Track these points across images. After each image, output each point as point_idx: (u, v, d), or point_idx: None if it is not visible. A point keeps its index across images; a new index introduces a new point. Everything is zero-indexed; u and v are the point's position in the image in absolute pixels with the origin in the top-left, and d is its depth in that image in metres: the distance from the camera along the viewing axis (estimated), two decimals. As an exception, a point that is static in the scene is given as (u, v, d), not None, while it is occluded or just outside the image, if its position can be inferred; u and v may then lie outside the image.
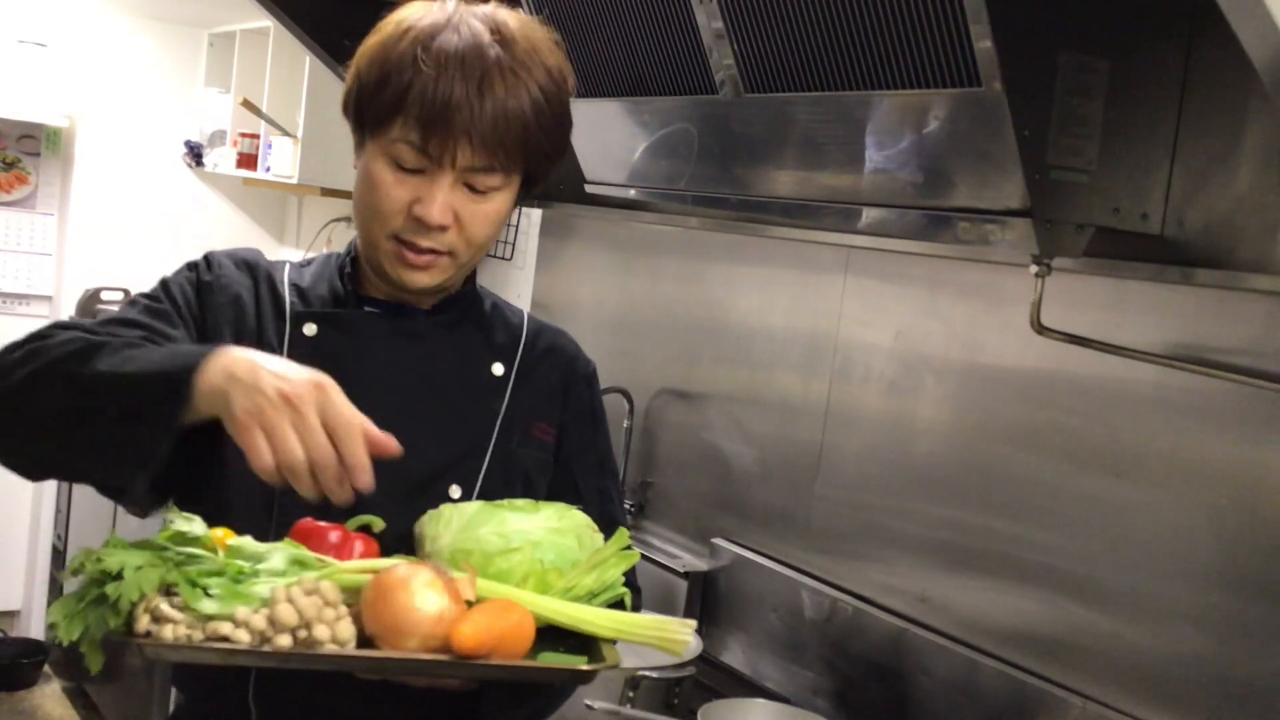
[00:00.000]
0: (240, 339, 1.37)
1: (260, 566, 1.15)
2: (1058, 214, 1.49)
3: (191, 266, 1.43)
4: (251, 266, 1.45)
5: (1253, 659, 1.56)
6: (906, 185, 1.60)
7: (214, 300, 1.40)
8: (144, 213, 4.60)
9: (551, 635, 1.21)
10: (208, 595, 1.10)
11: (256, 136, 4.19)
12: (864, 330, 2.20)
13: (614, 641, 1.23)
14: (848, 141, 1.66)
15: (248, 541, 1.18)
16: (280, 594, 1.10)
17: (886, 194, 1.65)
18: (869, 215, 1.74)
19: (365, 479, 1.12)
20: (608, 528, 1.43)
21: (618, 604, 1.29)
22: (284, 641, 1.09)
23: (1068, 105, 1.45)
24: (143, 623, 1.08)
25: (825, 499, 2.25)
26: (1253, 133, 1.56)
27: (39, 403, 1.20)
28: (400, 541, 1.30)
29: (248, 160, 4.24)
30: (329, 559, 1.19)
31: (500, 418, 1.44)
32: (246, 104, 4.09)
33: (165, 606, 1.08)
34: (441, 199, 1.31)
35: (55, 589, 4.42)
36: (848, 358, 2.23)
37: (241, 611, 1.09)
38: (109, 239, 4.56)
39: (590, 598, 1.27)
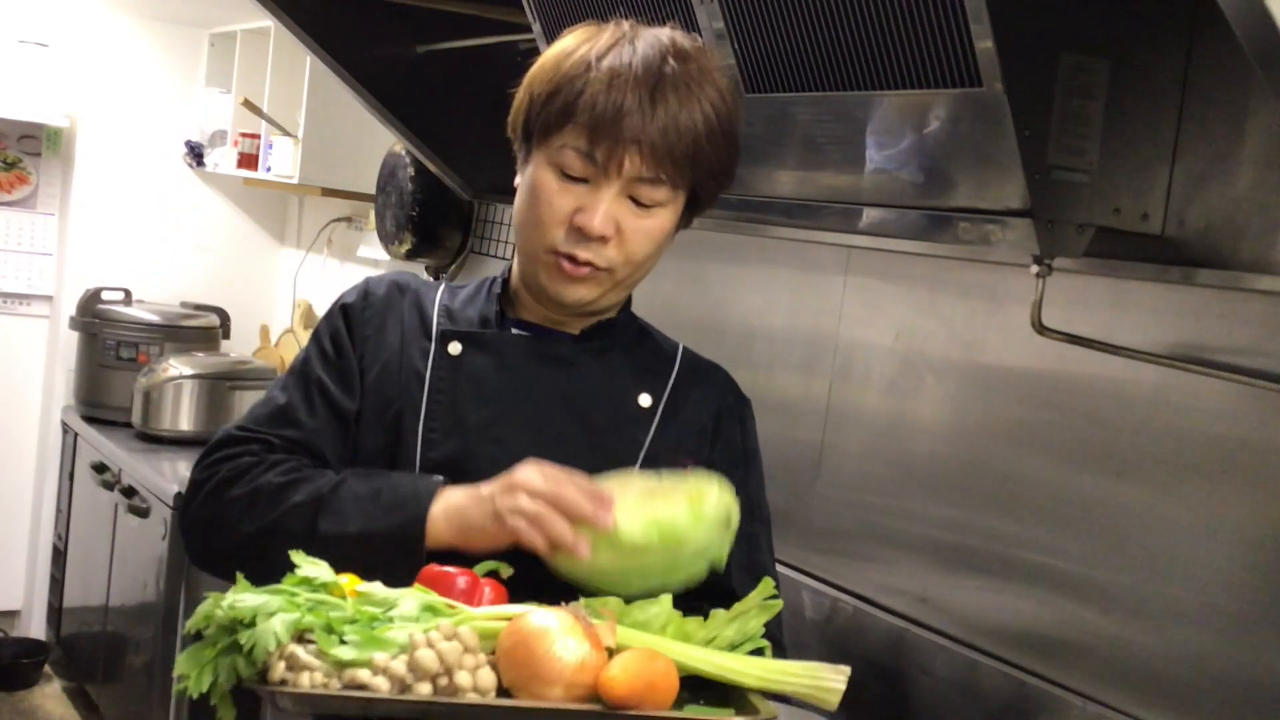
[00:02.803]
0: (386, 364, 1.39)
1: (392, 613, 1.11)
2: (1058, 214, 1.49)
3: (343, 305, 1.44)
4: (402, 289, 1.45)
5: (1254, 659, 1.56)
6: (907, 185, 1.60)
7: (363, 333, 1.41)
8: (144, 213, 4.60)
9: (690, 687, 1.15)
10: (343, 641, 1.06)
11: (257, 136, 4.19)
12: (864, 330, 2.20)
13: (760, 692, 1.17)
14: (848, 141, 1.67)
15: (376, 587, 1.15)
16: (420, 639, 1.06)
17: (886, 194, 1.65)
18: (869, 215, 1.74)
19: (609, 510, 1.21)
20: (754, 575, 1.38)
21: (757, 655, 1.24)
22: (424, 689, 1.05)
23: (1068, 105, 1.45)
24: (278, 670, 1.04)
25: (825, 499, 2.25)
26: (1253, 133, 1.56)
27: (272, 562, 1.22)
28: (530, 577, 1.26)
29: (248, 160, 4.24)
30: (460, 605, 1.15)
31: (644, 451, 1.40)
32: (247, 104, 4.09)
33: (301, 653, 1.05)
34: (604, 209, 1.29)
35: (55, 589, 4.42)
36: (848, 358, 2.23)
37: (380, 657, 1.05)
38: (109, 239, 4.56)
39: (730, 649, 1.22)
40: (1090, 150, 1.49)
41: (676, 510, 1.21)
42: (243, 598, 1.07)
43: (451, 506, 1.26)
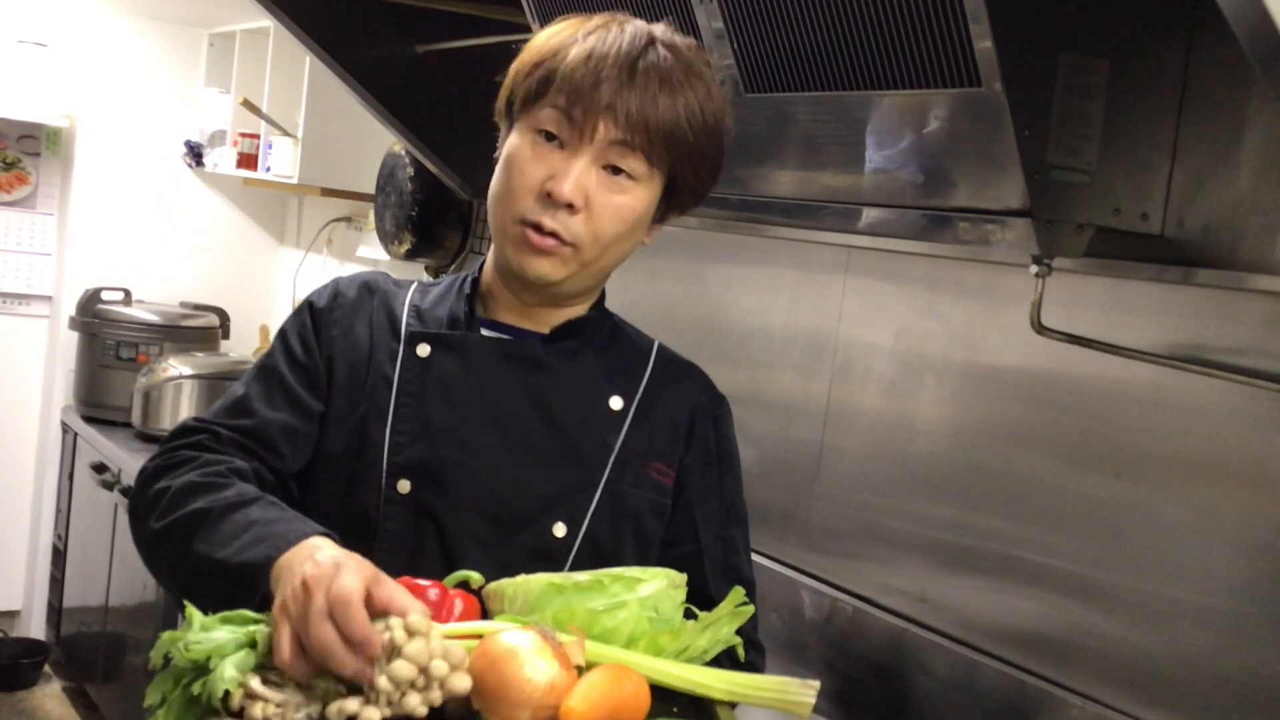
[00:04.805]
0: (354, 367, 1.37)
1: None
2: (1058, 214, 1.49)
3: (310, 304, 1.42)
4: (372, 290, 1.43)
5: (1253, 659, 1.56)
6: (906, 185, 1.60)
7: (329, 334, 1.39)
8: (144, 213, 4.60)
9: (662, 696, 1.15)
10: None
11: (256, 136, 4.19)
12: (864, 330, 2.20)
13: (731, 705, 1.18)
14: (848, 141, 1.67)
15: None
16: (401, 636, 1.04)
17: (886, 194, 1.65)
18: (869, 215, 1.74)
19: (370, 650, 1.05)
20: (729, 579, 1.38)
21: (729, 653, 1.25)
22: (413, 700, 1.03)
23: (1068, 105, 1.45)
24: (236, 698, 1.05)
25: (825, 499, 2.25)
26: (1253, 133, 1.56)
27: (159, 563, 1.30)
28: (496, 579, 1.23)
29: (248, 160, 4.24)
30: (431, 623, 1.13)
31: (614, 454, 1.37)
32: (246, 104, 4.09)
33: (255, 684, 1.05)
34: (576, 175, 1.28)
35: (55, 589, 4.42)
36: (848, 358, 2.23)
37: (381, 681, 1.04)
38: (109, 239, 4.56)
39: (703, 654, 1.22)
40: (1090, 150, 1.49)
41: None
42: (198, 639, 1.07)
43: (294, 554, 1.13)
